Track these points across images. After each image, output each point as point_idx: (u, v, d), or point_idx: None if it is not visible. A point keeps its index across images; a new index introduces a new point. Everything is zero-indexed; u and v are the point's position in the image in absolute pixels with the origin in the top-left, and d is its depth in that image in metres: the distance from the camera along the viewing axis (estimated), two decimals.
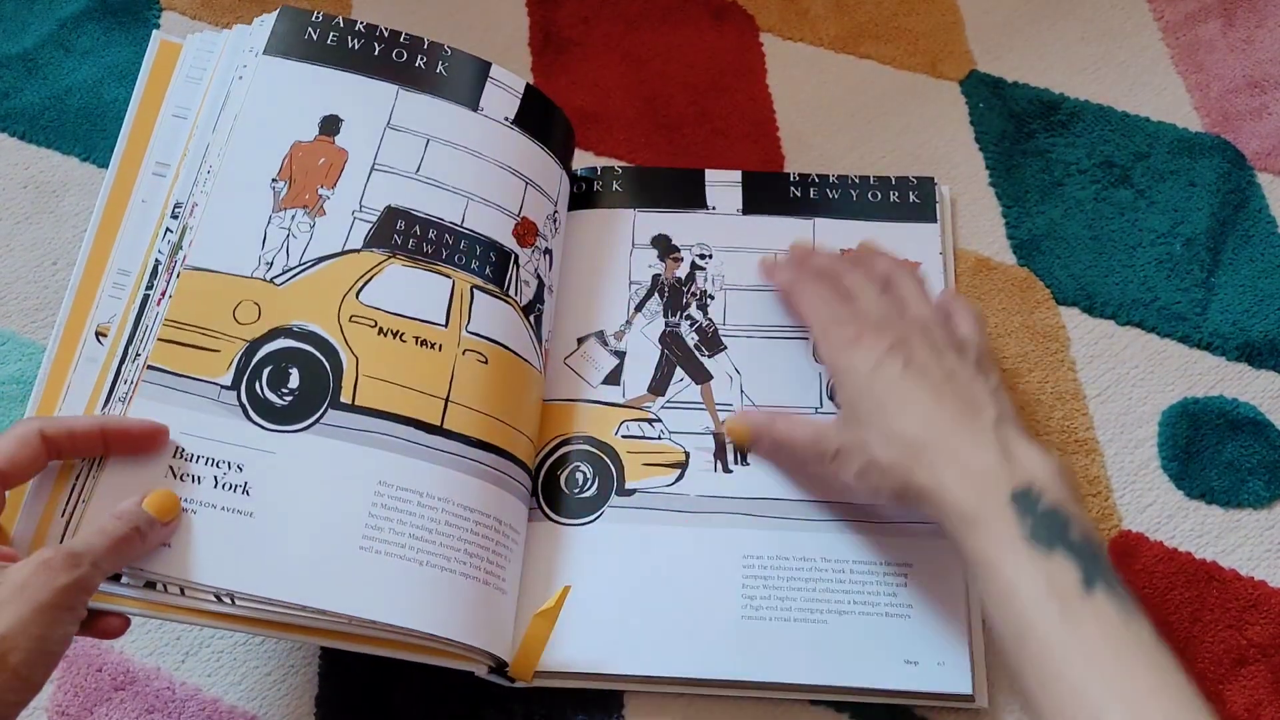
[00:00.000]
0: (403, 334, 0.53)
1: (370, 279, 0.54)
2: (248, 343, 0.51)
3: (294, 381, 0.51)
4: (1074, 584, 0.42)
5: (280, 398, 0.51)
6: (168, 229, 0.53)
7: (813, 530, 0.55)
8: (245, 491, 0.48)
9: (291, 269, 0.53)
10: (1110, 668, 0.40)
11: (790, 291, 0.59)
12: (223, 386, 0.50)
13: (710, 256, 0.63)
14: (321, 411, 0.51)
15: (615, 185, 0.65)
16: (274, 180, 0.55)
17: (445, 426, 0.52)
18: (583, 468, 0.57)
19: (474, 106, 0.59)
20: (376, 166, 0.56)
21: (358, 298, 0.53)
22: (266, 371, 0.51)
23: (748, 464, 0.57)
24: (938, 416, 0.48)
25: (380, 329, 0.53)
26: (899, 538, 0.55)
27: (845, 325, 0.53)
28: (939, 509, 0.46)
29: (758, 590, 0.54)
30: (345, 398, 0.51)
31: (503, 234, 0.57)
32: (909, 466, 0.47)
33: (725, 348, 0.60)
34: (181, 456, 0.48)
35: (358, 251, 0.54)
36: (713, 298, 0.62)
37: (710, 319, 0.61)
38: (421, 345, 0.53)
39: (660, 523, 0.56)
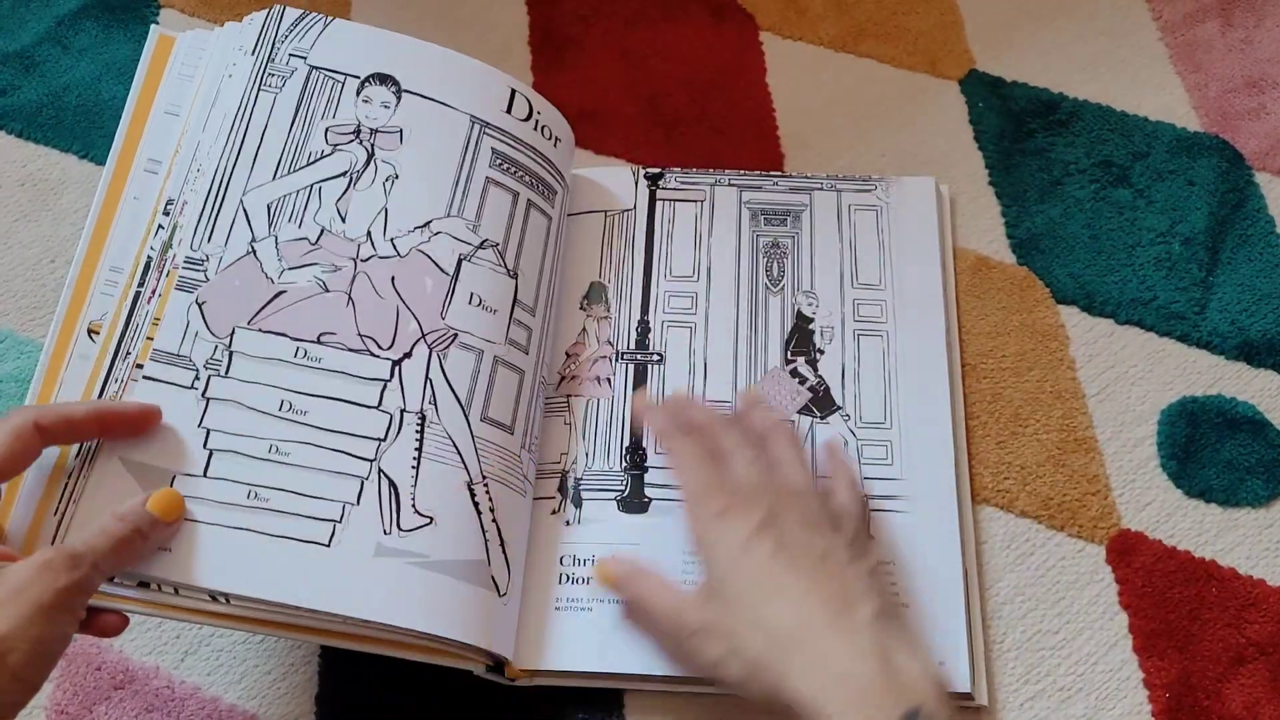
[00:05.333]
0: None
1: None
2: None
3: None
4: None
5: None
6: (159, 226, 0.53)
7: None
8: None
9: None
10: None
11: (664, 443, 0.56)
12: None
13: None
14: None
15: None
16: None
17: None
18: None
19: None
20: None
21: None
22: None
23: None
24: (811, 608, 0.45)
25: None
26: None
27: (714, 495, 0.49)
28: None
29: None
30: None
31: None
32: (781, 667, 0.44)
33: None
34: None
35: None
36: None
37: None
38: None
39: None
